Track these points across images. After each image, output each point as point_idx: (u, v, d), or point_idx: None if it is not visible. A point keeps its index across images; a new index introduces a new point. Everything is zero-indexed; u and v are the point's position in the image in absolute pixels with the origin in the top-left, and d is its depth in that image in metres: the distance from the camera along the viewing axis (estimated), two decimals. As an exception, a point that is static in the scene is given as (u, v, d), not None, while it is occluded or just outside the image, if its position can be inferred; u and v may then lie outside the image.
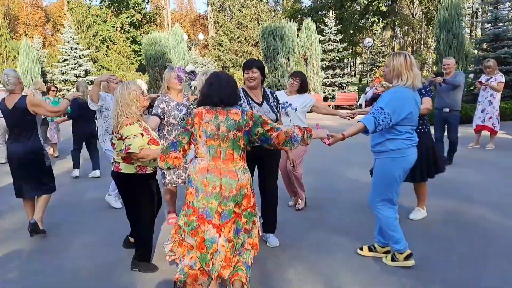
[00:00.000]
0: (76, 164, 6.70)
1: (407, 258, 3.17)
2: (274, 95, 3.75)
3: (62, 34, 26.28)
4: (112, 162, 3.25)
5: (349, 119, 4.38)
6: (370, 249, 3.43)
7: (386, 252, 3.37)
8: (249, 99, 3.56)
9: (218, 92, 2.58)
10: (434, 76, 6.41)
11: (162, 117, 3.93)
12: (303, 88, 4.46)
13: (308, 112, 4.52)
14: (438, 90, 6.50)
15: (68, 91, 24.82)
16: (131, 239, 3.59)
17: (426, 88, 4.18)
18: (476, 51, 14.89)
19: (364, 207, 4.28)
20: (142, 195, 3.20)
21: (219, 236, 2.52)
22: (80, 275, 3.29)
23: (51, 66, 26.91)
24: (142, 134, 2.98)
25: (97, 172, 6.59)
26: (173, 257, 2.68)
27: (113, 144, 3.15)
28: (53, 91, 8.59)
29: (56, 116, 5.13)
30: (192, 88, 4.06)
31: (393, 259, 3.23)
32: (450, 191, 5.17)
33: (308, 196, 4.75)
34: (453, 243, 3.66)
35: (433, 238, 3.78)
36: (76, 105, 6.21)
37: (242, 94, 3.54)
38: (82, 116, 6.41)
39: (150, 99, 3.80)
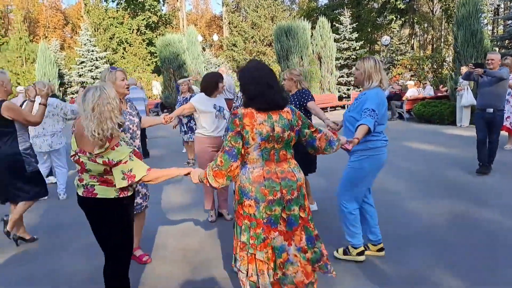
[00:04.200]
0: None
1: (360, 253, 3.30)
2: None
3: (79, 36, 26.70)
4: (85, 185, 2.44)
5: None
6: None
7: (380, 250, 3.38)
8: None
9: (274, 95, 2.38)
10: (473, 67, 5.62)
11: None
12: None
13: None
14: (479, 86, 5.76)
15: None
16: None
17: (307, 92, 4.44)
18: (496, 49, 14.41)
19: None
20: (120, 222, 2.55)
21: (289, 244, 2.38)
22: (76, 278, 3.27)
23: (69, 68, 27.37)
24: (130, 155, 2.36)
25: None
26: (252, 277, 2.38)
27: (82, 164, 2.36)
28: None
29: (32, 126, 4.08)
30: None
31: (345, 253, 3.34)
32: (460, 193, 4.97)
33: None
34: (457, 247, 3.48)
35: (437, 242, 3.62)
36: None
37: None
38: None
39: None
